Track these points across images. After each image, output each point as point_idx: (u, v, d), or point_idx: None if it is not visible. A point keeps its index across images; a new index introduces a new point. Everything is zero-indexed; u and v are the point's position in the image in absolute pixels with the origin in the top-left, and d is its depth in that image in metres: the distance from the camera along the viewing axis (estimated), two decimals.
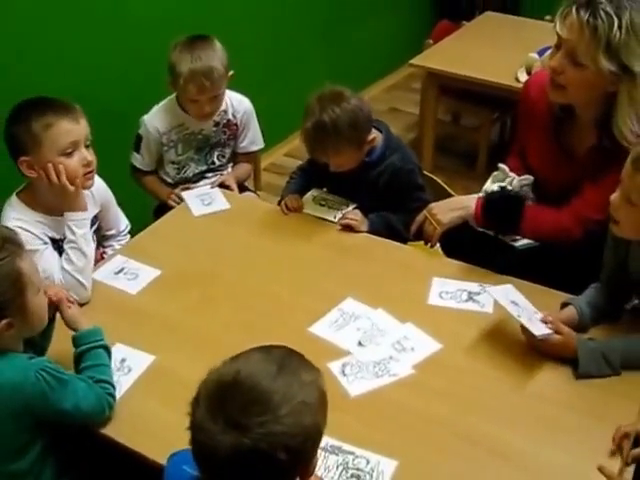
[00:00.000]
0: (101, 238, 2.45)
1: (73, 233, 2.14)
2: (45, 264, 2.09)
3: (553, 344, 1.87)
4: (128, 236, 2.52)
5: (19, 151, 2.09)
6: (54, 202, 2.18)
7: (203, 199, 2.62)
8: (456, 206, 2.32)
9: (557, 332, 1.87)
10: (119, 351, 1.91)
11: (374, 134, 2.42)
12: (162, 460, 1.53)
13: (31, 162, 2.08)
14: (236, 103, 2.83)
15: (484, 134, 4.20)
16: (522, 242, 2.29)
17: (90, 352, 1.78)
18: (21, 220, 2.11)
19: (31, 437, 1.67)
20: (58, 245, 2.19)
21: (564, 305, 2.01)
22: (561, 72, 2.08)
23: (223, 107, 2.78)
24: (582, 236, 2.20)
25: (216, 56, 2.60)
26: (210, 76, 2.57)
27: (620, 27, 1.95)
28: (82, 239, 2.15)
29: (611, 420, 1.71)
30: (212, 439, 1.17)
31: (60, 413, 1.64)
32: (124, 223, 2.52)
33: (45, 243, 2.16)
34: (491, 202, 2.27)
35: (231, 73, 2.68)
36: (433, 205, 2.33)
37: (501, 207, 2.26)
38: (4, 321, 1.62)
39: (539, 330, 1.87)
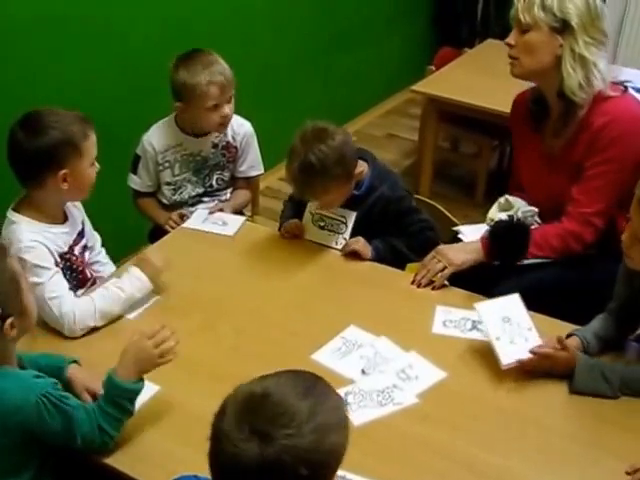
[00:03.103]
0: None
1: (132, 292, 2.12)
2: (54, 286, 2.05)
3: (556, 360, 1.88)
4: (103, 250, 2.44)
5: (57, 163, 2.02)
6: (55, 212, 2.15)
7: (215, 222, 2.61)
8: (469, 248, 2.33)
9: (563, 349, 1.88)
10: None
11: (361, 166, 2.37)
12: None
13: (67, 174, 2.04)
14: (236, 126, 2.81)
15: (483, 162, 4.20)
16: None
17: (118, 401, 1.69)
18: (35, 233, 2.05)
19: (26, 456, 1.63)
20: (64, 259, 2.15)
21: (569, 336, 1.99)
22: (514, 45, 2.28)
23: None
24: (593, 237, 2.28)
25: (219, 60, 2.62)
26: (225, 74, 2.59)
27: None
28: (129, 300, 2.12)
29: (614, 452, 1.70)
30: (236, 446, 1.17)
31: (55, 439, 1.61)
32: (98, 238, 2.44)
33: (56, 264, 2.10)
34: (499, 230, 2.29)
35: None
36: (443, 247, 2.34)
37: (509, 234, 2.28)
38: (8, 321, 1.59)
39: (507, 358, 1.89)
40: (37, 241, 2.04)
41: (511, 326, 1.95)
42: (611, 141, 2.22)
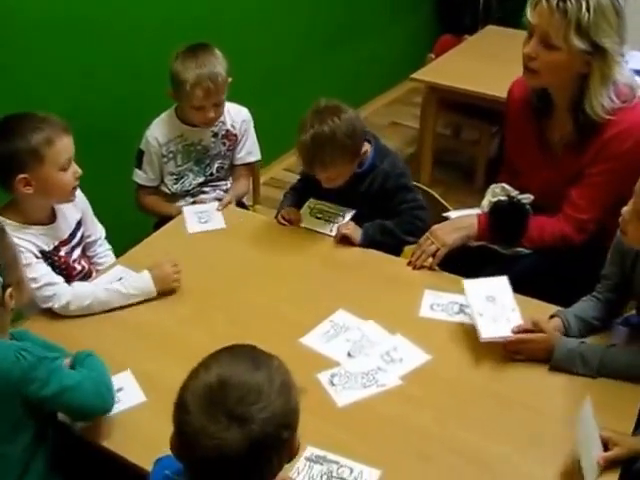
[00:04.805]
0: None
1: (128, 293, 2.18)
2: (36, 274, 2.12)
3: (535, 344, 1.91)
4: (105, 242, 2.53)
5: (17, 169, 2.09)
6: (41, 213, 2.22)
7: (200, 216, 2.64)
8: (460, 225, 2.36)
9: (541, 331, 1.92)
10: (119, 380, 1.91)
11: (365, 146, 2.46)
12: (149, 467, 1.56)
13: (29, 179, 2.10)
14: (234, 113, 2.87)
15: (483, 148, 4.22)
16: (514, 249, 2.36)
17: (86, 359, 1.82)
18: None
19: (21, 419, 1.69)
20: (46, 257, 2.21)
21: (552, 317, 2.03)
22: (535, 57, 2.17)
23: (221, 118, 2.81)
24: (584, 240, 2.29)
25: (218, 62, 2.66)
26: (215, 80, 2.63)
27: (588, 9, 2.07)
28: (125, 297, 2.18)
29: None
30: (216, 438, 1.22)
31: (46, 391, 1.66)
32: (100, 229, 2.52)
33: (36, 256, 2.17)
34: (499, 209, 2.33)
35: (230, 80, 2.73)
36: (436, 227, 2.37)
37: (509, 215, 2.32)
38: (8, 290, 1.67)
39: (487, 332, 1.94)
40: None
41: (495, 306, 2.00)
42: (620, 152, 2.20)
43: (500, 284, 2.06)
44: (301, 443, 1.67)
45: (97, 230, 2.51)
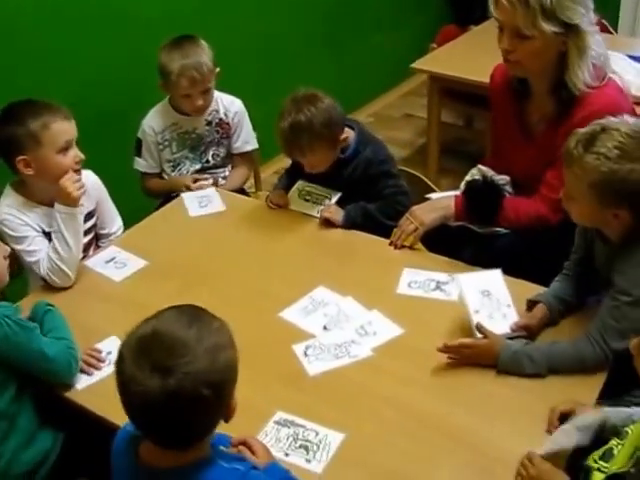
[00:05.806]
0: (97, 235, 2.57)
1: (61, 224, 2.26)
2: (35, 247, 2.25)
3: (477, 348, 1.91)
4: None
5: (16, 150, 2.20)
6: (46, 195, 2.31)
7: (200, 201, 2.73)
8: (438, 206, 2.42)
9: (485, 336, 1.92)
10: (106, 345, 2.02)
11: (346, 133, 2.51)
12: None
13: (28, 160, 2.21)
14: (227, 103, 2.96)
15: (489, 136, 4.23)
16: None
17: (45, 316, 1.95)
18: (13, 208, 2.26)
19: (4, 378, 1.82)
20: (49, 237, 2.31)
21: (531, 302, 2.06)
22: (512, 50, 2.23)
23: (214, 107, 2.92)
24: (560, 220, 2.27)
25: (203, 52, 2.76)
26: (200, 69, 2.73)
27: None
28: (68, 232, 2.26)
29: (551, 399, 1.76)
30: (141, 385, 1.29)
31: (25, 356, 1.81)
32: (117, 224, 2.61)
33: (36, 231, 2.29)
34: (473, 189, 2.38)
35: (217, 70, 2.83)
36: (415, 208, 2.42)
37: (482, 194, 2.37)
38: None
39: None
40: (12, 214, 2.25)
41: (490, 301, 2.00)
42: None
43: (494, 277, 2.07)
44: (271, 409, 1.78)
45: (114, 225, 2.59)
